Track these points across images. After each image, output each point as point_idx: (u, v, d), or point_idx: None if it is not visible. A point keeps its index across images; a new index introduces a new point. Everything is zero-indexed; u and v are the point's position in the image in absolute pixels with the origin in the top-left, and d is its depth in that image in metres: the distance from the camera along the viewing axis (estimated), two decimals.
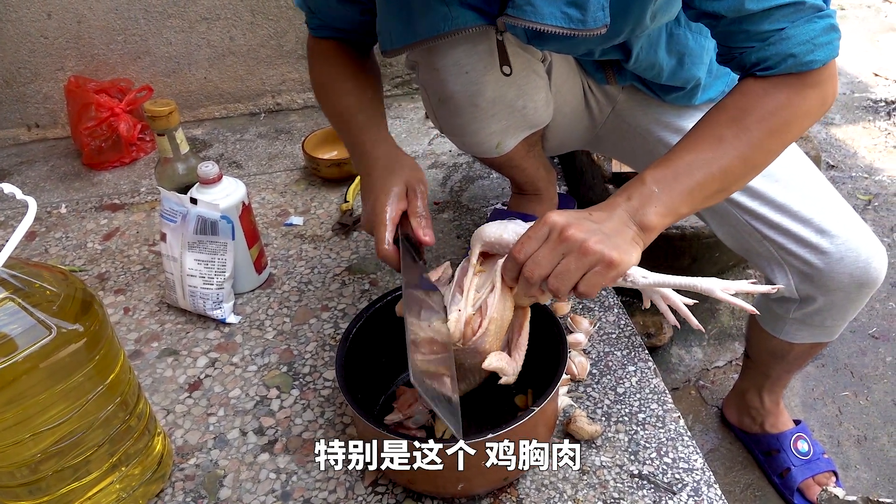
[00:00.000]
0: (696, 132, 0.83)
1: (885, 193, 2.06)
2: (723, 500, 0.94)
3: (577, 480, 0.97)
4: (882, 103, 2.50)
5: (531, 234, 0.79)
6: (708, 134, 0.82)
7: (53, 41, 1.87)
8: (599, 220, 0.78)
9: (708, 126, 0.83)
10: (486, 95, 1.02)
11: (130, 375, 0.91)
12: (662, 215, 0.79)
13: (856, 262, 0.99)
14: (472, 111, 1.04)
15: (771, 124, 0.81)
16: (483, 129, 1.07)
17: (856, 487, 1.33)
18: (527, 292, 0.81)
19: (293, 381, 1.15)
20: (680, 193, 0.80)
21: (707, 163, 0.80)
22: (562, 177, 1.67)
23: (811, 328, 1.10)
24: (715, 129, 0.82)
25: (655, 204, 0.79)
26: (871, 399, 1.49)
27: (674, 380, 1.54)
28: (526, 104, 1.06)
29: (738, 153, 0.81)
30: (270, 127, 2.00)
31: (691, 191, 0.80)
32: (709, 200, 0.84)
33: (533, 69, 1.06)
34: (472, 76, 1.00)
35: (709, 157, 0.80)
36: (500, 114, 1.05)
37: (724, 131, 0.81)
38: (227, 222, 1.20)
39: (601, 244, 0.75)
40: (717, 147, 0.81)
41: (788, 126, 0.83)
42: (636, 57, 1.02)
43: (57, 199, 1.70)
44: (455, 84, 1.01)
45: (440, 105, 1.06)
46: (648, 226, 0.79)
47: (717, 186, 0.82)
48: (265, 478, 1.00)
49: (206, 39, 1.94)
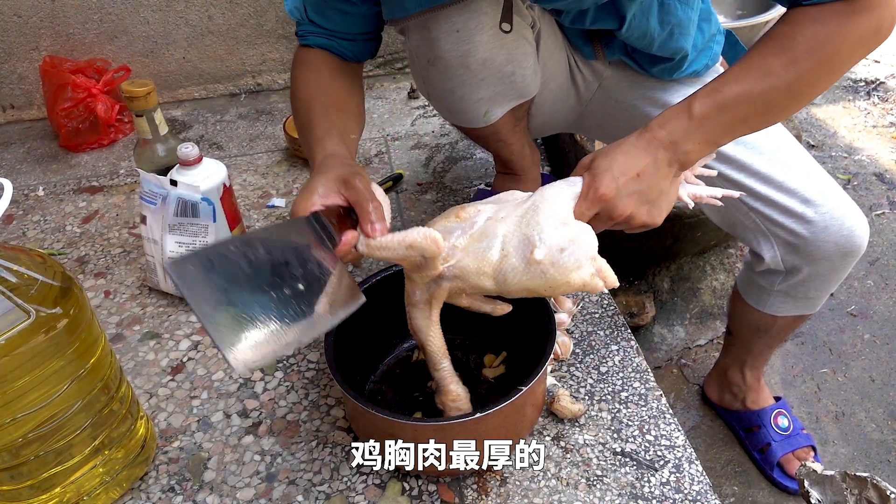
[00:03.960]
0: (744, 62, 0.82)
1: (864, 173, 2.08)
2: (704, 476, 0.96)
3: (561, 459, 0.98)
4: (862, 83, 2.51)
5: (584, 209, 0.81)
6: (756, 65, 0.81)
7: (27, 20, 1.83)
8: (645, 180, 0.80)
9: (756, 56, 0.81)
10: (476, 56, 1.01)
11: (112, 359, 0.90)
12: (702, 150, 0.82)
13: (840, 230, 1.00)
14: (461, 73, 1.03)
15: (821, 55, 0.79)
16: (472, 95, 1.07)
17: (834, 462, 1.36)
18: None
19: (277, 363, 1.14)
20: (722, 126, 0.81)
21: (754, 96, 0.80)
22: (545, 157, 1.67)
23: (795, 300, 1.12)
24: (763, 61, 0.80)
25: (697, 139, 0.81)
26: (849, 376, 1.52)
27: (656, 358, 1.56)
28: (515, 70, 1.06)
29: (785, 85, 0.80)
30: (251, 108, 1.98)
31: (733, 123, 0.82)
32: (750, 131, 0.85)
33: (523, 34, 1.06)
34: (463, 35, 0.99)
35: (756, 89, 0.80)
36: (490, 79, 1.05)
37: (773, 62, 0.80)
38: (207, 204, 1.18)
39: (646, 216, 0.82)
40: (765, 79, 0.80)
41: (839, 56, 0.80)
42: (629, 24, 1.02)
43: (34, 181, 1.67)
44: (446, 43, 1.00)
45: (429, 67, 1.05)
46: (688, 162, 0.83)
47: (760, 119, 0.83)
48: (250, 460, 1.00)
49: (184, 18, 1.91)
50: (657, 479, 0.95)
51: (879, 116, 2.34)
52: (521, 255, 0.79)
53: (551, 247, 0.77)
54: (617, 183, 0.80)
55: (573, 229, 0.79)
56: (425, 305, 0.89)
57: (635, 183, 0.80)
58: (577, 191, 0.82)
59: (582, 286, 0.79)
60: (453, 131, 1.76)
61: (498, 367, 1.08)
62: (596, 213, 0.82)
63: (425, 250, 0.78)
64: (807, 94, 0.83)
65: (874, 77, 2.53)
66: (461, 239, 0.82)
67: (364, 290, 1.00)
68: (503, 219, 0.82)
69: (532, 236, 0.78)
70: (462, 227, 0.83)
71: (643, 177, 0.80)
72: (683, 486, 0.94)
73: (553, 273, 0.78)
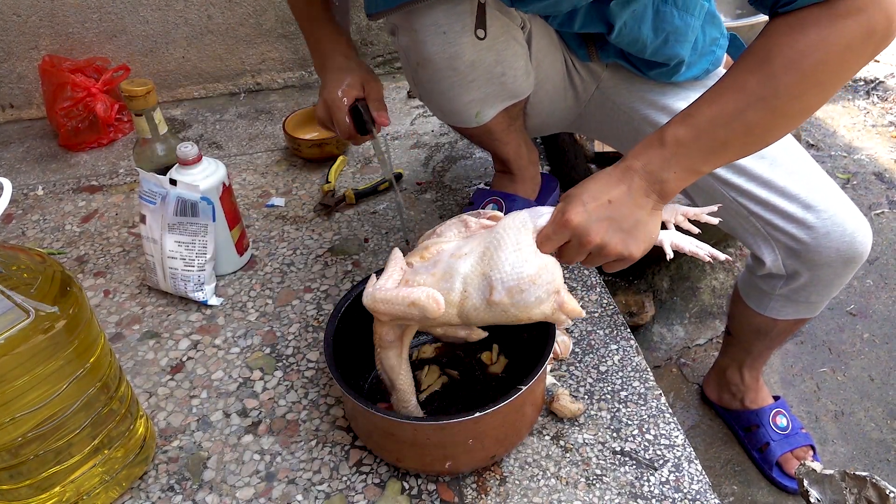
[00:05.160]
0: (720, 82, 0.77)
1: (863, 172, 2.08)
2: (703, 475, 0.96)
3: (560, 458, 0.98)
4: (861, 82, 2.51)
5: (552, 234, 0.80)
6: (731, 83, 0.76)
7: (26, 19, 1.83)
8: (618, 207, 0.78)
9: (732, 75, 0.76)
10: (464, 59, 1.01)
11: (111, 358, 0.90)
12: (682, 178, 0.78)
13: (842, 236, 0.99)
14: (451, 75, 1.03)
15: (802, 67, 0.71)
16: (462, 96, 1.07)
17: (833, 461, 1.36)
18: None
19: (276, 362, 1.14)
20: (700, 153, 0.77)
21: (730, 117, 0.74)
22: (544, 156, 1.67)
23: (796, 304, 1.12)
24: (738, 78, 0.75)
25: (675, 168, 0.77)
26: (849, 375, 1.52)
27: (655, 358, 1.56)
28: (505, 71, 1.05)
29: (764, 103, 0.73)
30: (250, 107, 1.98)
31: (713, 149, 0.76)
32: (736, 156, 0.80)
33: (512, 35, 1.05)
34: (450, 37, 0.99)
35: (732, 109, 0.74)
36: (479, 80, 1.05)
37: (748, 79, 0.74)
38: (207, 203, 1.18)
39: (620, 245, 0.78)
40: (740, 98, 0.74)
41: (825, 67, 0.72)
42: (619, 31, 1.01)
43: (33, 181, 1.67)
44: (433, 45, 1.00)
45: (419, 69, 1.05)
46: (668, 191, 0.78)
47: (743, 142, 0.77)
48: (249, 459, 1.00)
49: (183, 18, 1.90)
50: (656, 479, 0.95)
51: (879, 116, 2.34)
52: (481, 296, 0.80)
53: (510, 289, 0.78)
54: (586, 207, 0.77)
55: (532, 266, 0.79)
56: (397, 343, 0.90)
57: (606, 209, 0.78)
58: (541, 222, 0.82)
59: (544, 319, 0.82)
60: (452, 131, 1.76)
61: (500, 361, 1.08)
62: (567, 242, 0.80)
63: (426, 310, 0.80)
64: (793, 112, 0.76)
65: (873, 76, 2.53)
66: (426, 278, 0.83)
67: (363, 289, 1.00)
68: (466, 255, 0.83)
69: (491, 277, 0.79)
70: (425, 266, 0.85)
71: (615, 203, 0.78)
72: (683, 485, 0.94)
73: (514, 311, 0.80)
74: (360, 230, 1.44)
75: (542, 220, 0.82)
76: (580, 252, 0.80)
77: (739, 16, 1.85)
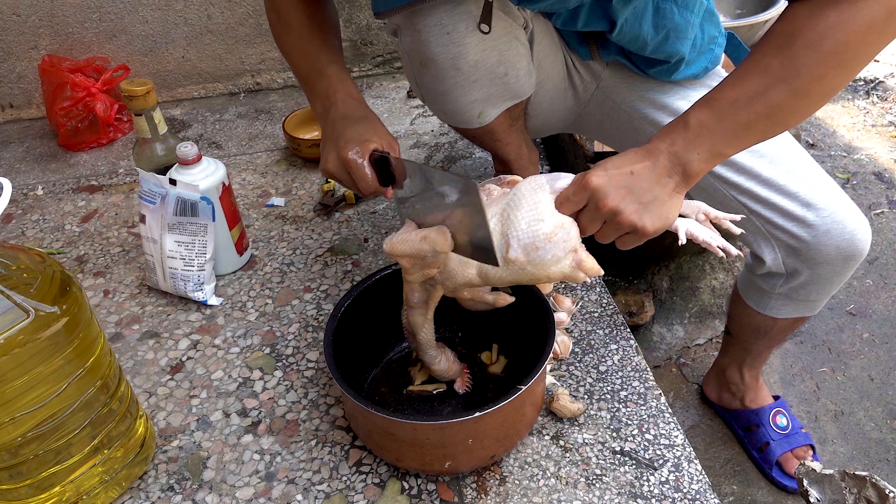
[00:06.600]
0: (742, 65, 0.77)
1: (863, 172, 2.09)
2: (703, 475, 0.96)
3: (560, 458, 0.98)
4: (861, 82, 2.51)
5: (570, 195, 0.80)
6: (753, 66, 0.76)
7: (26, 19, 1.83)
8: (639, 180, 0.78)
9: (754, 58, 0.77)
10: (467, 59, 1.01)
11: (111, 358, 0.90)
12: (706, 160, 0.78)
13: (842, 234, 1.00)
14: (454, 75, 1.03)
15: (823, 49, 0.72)
16: (465, 97, 1.07)
17: (833, 461, 1.36)
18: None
19: (276, 362, 1.14)
20: (724, 135, 0.77)
21: (752, 99, 0.75)
22: (544, 157, 1.67)
23: (796, 303, 1.12)
24: (760, 60, 0.76)
25: (698, 149, 0.77)
26: (848, 375, 1.52)
27: (655, 357, 1.56)
28: (507, 71, 1.06)
29: (786, 85, 0.74)
30: (250, 107, 1.98)
31: (736, 131, 0.77)
32: (759, 138, 0.80)
33: (514, 35, 1.05)
34: (454, 37, 0.99)
35: (754, 91, 0.75)
36: (482, 80, 1.05)
37: (770, 61, 0.75)
38: (207, 203, 1.18)
39: (635, 215, 0.78)
40: (763, 80, 0.75)
41: (846, 48, 0.72)
42: (620, 28, 1.01)
43: (33, 180, 1.67)
44: (436, 45, 1.00)
45: (422, 69, 1.05)
46: (692, 173, 0.78)
47: (766, 124, 0.78)
48: (249, 459, 1.00)
49: (183, 17, 1.90)
50: (656, 478, 0.95)
51: (878, 115, 2.34)
52: (500, 255, 0.81)
53: (525, 246, 0.78)
54: (608, 173, 0.78)
55: (548, 224, 0.79)
56: (423, 306, 0.92)
57: (627, 178, 0.78)
58: (559, 185, 0.82)
59: (563, 278, 0.81)
60: (452, 131, 1.76)
61: (499, 361, 1.09)
62: (584, 206, 0.80)
63: (436, 242, 0.82)
64: (815, 93, 0.77)
65: (873, 76, 2.53)
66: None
67: (363, 290, 1.01)
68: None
69: (508, 235, 0.80)
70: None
71: (637, 175, 0.78)
72: (682, 484, 0.94)
73: (531, 269, 0.80)
74: (359, 230, 1.44)
75: (560, 183, 0.82)
76: (595, 217, 0.79)
77: (739, 15, 1.85)
